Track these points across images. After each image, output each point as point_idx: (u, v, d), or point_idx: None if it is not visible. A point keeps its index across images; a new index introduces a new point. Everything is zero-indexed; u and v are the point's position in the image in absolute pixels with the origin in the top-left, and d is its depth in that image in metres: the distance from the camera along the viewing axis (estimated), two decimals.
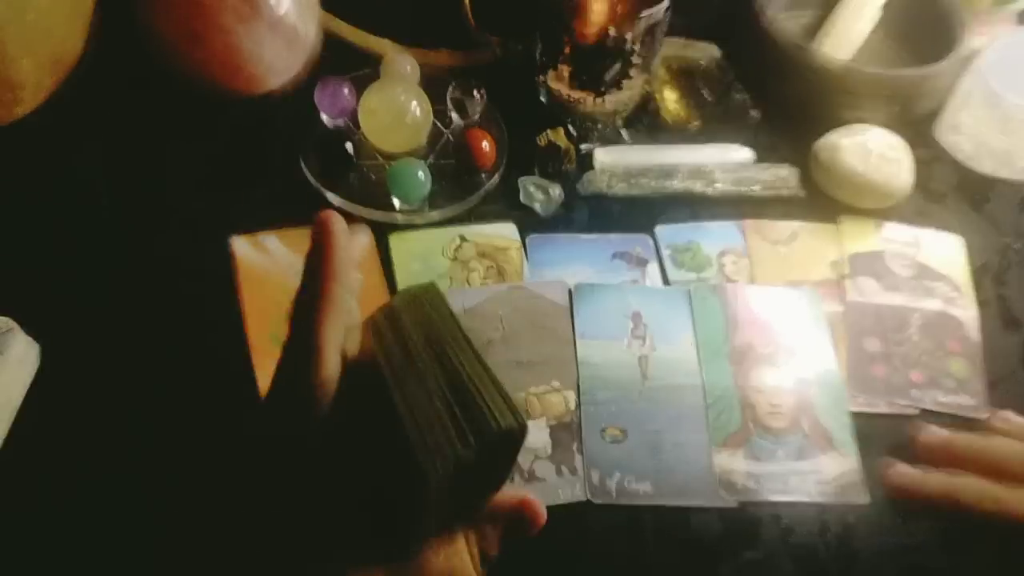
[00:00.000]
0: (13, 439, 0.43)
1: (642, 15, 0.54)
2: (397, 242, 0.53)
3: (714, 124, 0.63)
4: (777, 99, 0.63)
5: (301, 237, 0.53)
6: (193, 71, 0.55)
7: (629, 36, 0.54)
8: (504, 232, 0.55)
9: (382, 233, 0.54)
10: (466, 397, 0.26)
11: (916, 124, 0.63)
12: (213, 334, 0.48)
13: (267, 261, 0.52)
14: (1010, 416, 0.37)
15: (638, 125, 0.63)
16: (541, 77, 0.59)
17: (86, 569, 0.40)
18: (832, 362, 0.51)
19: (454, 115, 0.58)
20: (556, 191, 0.57)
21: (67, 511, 0.41)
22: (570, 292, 0.52)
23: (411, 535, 0.29)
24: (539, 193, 0.57)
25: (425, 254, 0.53)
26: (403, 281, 0.51)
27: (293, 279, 0.52)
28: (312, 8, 0.58)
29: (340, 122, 0.58)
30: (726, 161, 0.60)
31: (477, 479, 0.29)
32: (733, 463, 0.46)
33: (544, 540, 0.42)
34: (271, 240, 0.53)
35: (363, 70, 0.61)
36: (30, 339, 0.45)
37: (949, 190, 0.62)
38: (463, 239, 0.54)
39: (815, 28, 0.69)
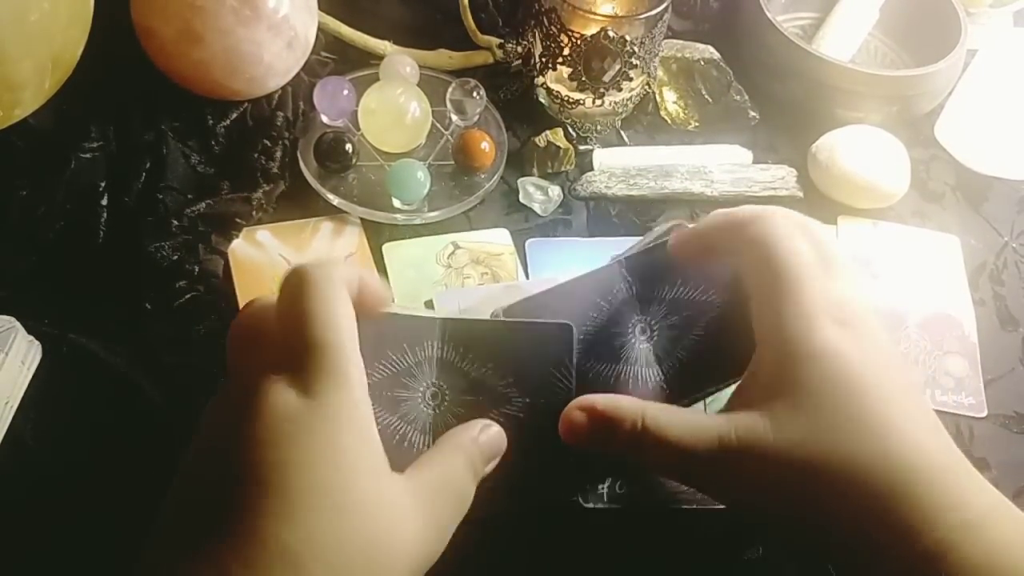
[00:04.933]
0: (12, 438, 0.43)
1: (642, 15, 0.55)
2: (391, 250, 0.53)
3: (713, 125, 0.63)
4: (776, 99, 0.63)
5: (292, 230, 0.53)
6: (192, 72, 0.55)
7: (629, 36, 0.54)
8: (497, 238, 0.55)
9: (377, 240, 0.54)
10: None
11: (915, 124, 0.64)
12: (212, 329, 0.48)
13: (260, 254, 0.52)
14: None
15: (637, 126, 0.63)
16: (540, 78, 0.59)
17: (84, 569, 0.40)
18: None
19: (453, 116, 0.58)
20: (555, 191, 0.57)
21: (66, 510, 0.41)
22: None
23: None
24: (538, 193, 0.57)
25: (419, 262, 0.53)
26: (398, 289, 0.51)
27: (283, 269, 0.53)
28: (312, 9, 0.58)
29: (340, 122, 0.58)
30: (725, 162, 0.60)
31: None
32: None
33: (540, 540, 0.42)
34: (263, 234, 0.53)
35: (363, 71, 0.61)
36: (31, 338, 0.45)
37: (947, 190, 0.62)
38: (456, 246, 0.54)
39: (815, 28, 0.70)
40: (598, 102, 0.58)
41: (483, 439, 0.35)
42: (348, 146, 0.55)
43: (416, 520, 0.30)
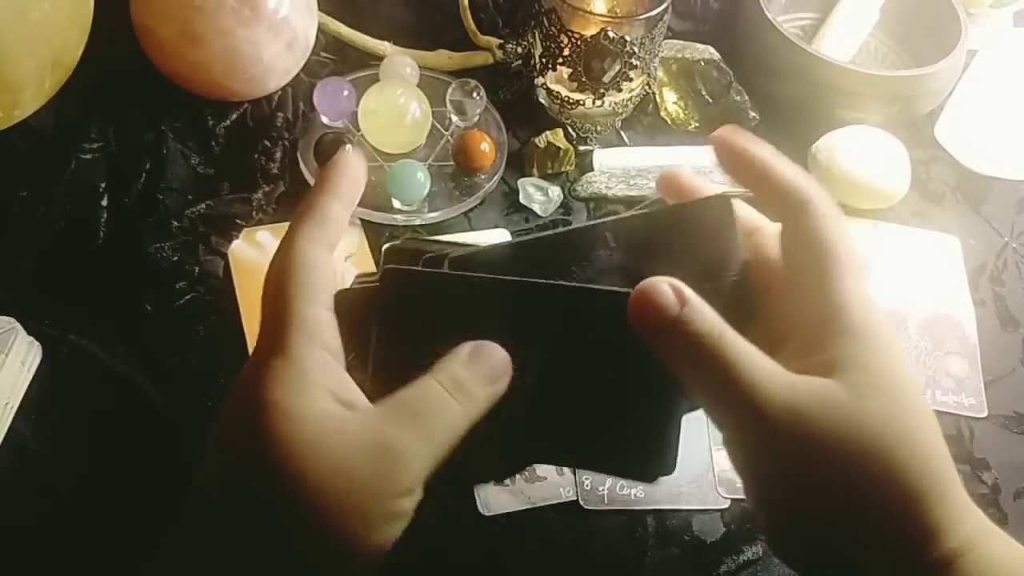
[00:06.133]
0: (12, 439, 0.43)
1: (642, 16, 0.55)
2: (390, 252, 0.53)
3: (713, 125, 0.63)
4: (776, 100, 0.63)
5: None
6: (192, 73, 0.55)
7: (629, 37, 0.54)
8: (496, 238, 0.55)
9: (377, 241, 0.54)
10: None
11: (915, 124, 0.64)
12: (212, 330, 0.48)
13: (260, 255, 0.52)
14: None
15: (637, 126, 0.63)
16: (540, 79, 0.59)
17: (86, 568, 0.40)
18: None
19: (453, 116, 0.58)
20: (555, 192, 0.57)
21: (67, 510, 0.41)
22: None
23: None
24: (538, 194, 0.57)
25: None
26: None
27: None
28: (311, 10, 0.58)
29: (340, 123, 0.58)
30: None
31: None
32: None
33: (543, 540, 0.42)
34: (263, 235, 0.53)
35: (363, 71, 0.61)
36: (31, 339, 0.45)
37: (947, 190, 0.62)
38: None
39: (815, 29, 0.70)
40: (598, 103, 0.58)
41: (476, 355, 0.31)
42: (348, 147, 0.54)
43: (361, 449, 0.29)
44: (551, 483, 0.44)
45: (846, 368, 0.30)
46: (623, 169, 0.59)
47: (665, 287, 0.30)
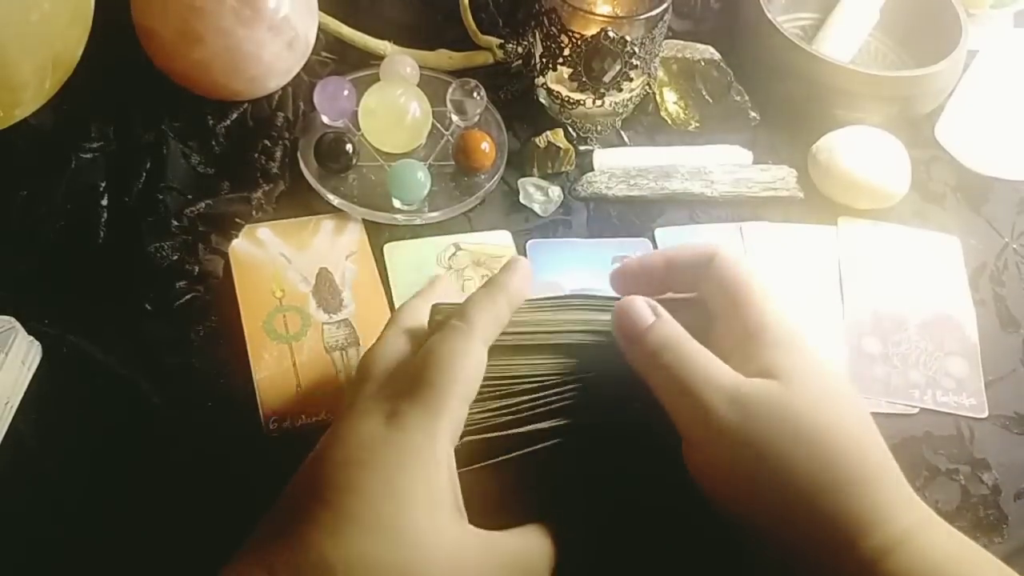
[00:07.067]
0: (12, 438, 0.43)
1: (642, 16, 0.55)
2: (392, 251, 0.53)
3: (713, 125, 0.63)
4: (776, 100, 0.63)
5: (292, 227, 0.54)
6: (193, 73, 0.55)
7: (629, 37, 0.54)
8: (498, 240, 0.55)
9: (378, 240, 0.54)
10: None
11: (915, 124, 0.64)
12: (212, 330, 0.48)
13: (260, 253, 0.52)
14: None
15: (637, 126, 0.63)
16: (541, 78, 0.59)
17: (85, 568, 0.40)
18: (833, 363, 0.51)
19: (454, 116, 0.58)
20: (555, 192, 0.57)
21: (66, 510, 0.41)
22: None
23: None
24: (539, 194, 0.57)
25: (420, 263, 0.53)
26: (400, 291, 0.51)
27: (284, 268, 0.53)
28: (312, 9, 0.58)
29: (340, 123, 0.58)
30: (725, 162, 0.60)
31: None
32: None
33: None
34: (264, 232, 0.53)
35: (363, 71, 0.61)
36: (31, 338, 0.45)
37: (947, 190, 0.62)
38: (458, 247, 0.54)
39: (815, 29, 0.70)
40: (598, 102, 0.58)
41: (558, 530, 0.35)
42: (348, 146, 0.55)
43: (466, 571, 0.30)
44: None
45: (779, 370, 0.34)
46: (623, 169, 0.59)
47: (641, 303, 0.36)
